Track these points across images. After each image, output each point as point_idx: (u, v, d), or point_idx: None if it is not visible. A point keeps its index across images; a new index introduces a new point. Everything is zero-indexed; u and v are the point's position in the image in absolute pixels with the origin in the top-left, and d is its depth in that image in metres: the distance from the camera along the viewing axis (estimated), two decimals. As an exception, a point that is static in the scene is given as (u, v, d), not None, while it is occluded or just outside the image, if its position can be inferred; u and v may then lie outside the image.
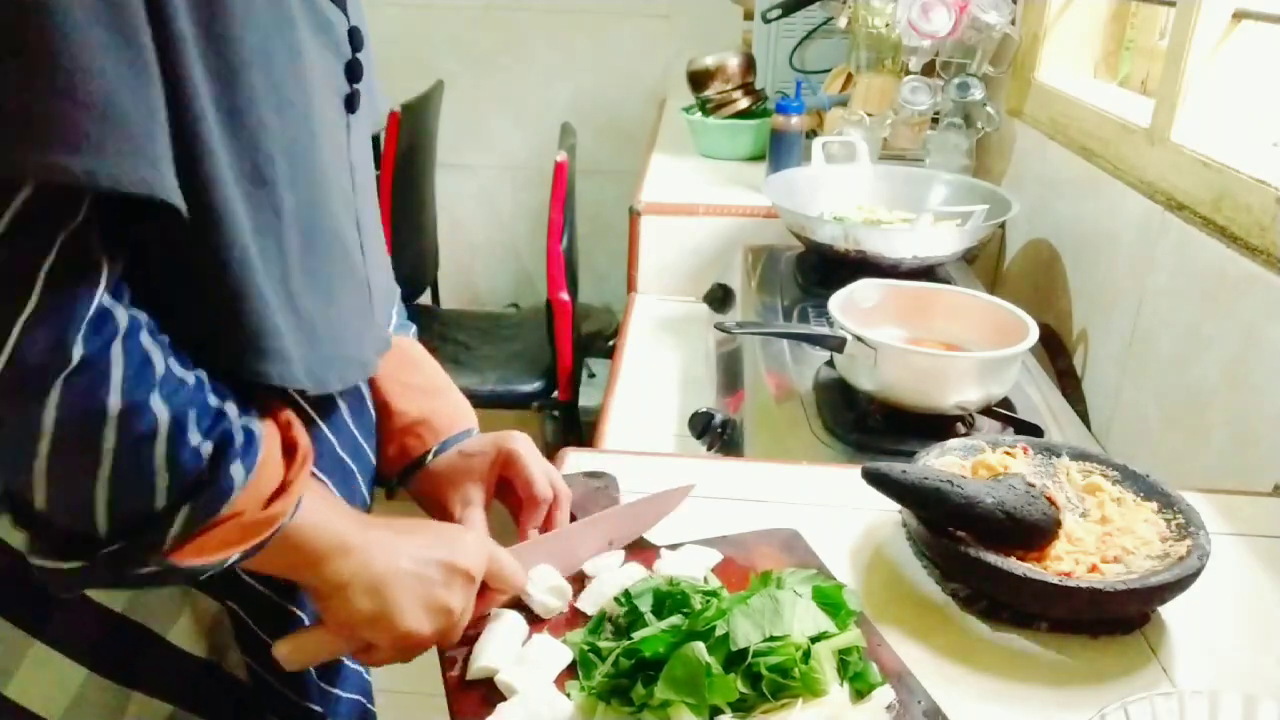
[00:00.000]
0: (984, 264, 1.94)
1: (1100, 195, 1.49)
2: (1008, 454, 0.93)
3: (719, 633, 0.66)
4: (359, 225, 0.72)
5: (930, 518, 0.83)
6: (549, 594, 0.76)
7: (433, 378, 0.85)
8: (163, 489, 0.54)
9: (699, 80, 2.18)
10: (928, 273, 1.53)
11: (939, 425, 1.14)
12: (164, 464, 0.53)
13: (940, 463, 0.92)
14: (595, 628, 0.74)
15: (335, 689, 0.77)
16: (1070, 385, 1.50)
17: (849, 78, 2.16)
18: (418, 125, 2.57)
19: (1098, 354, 1.46)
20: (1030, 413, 1.20)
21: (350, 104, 0.69)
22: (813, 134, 2.00)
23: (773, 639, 0.66)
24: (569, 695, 0.69)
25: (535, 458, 0.80)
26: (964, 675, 0.75)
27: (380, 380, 0.81)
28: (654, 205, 1.85)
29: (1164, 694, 0.63)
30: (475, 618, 0.71)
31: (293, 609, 0.72)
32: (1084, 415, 1.43)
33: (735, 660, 0.65)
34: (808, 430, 1.17)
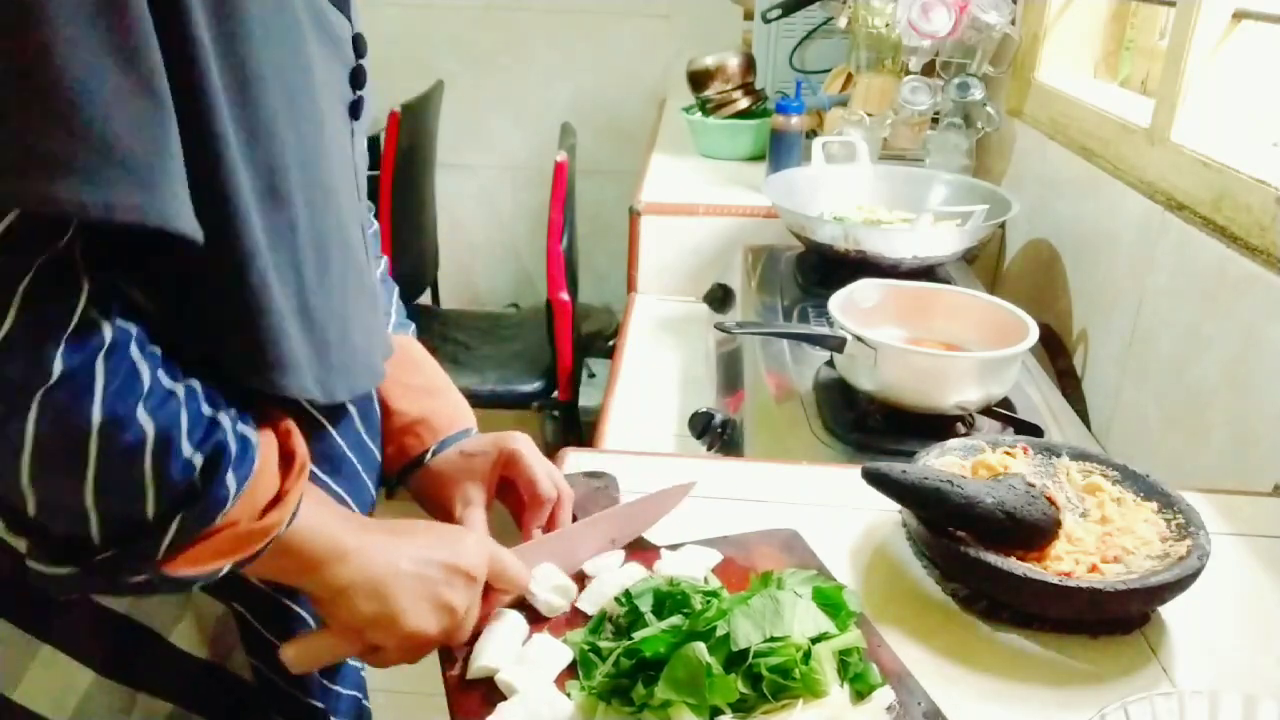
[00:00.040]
0: (984, 264, 1.94)
1: (1100, 195, 1.49)
2: (1008, 454, 0.93)
3: (720, 633, 0.66)
4: (363, 230, 0.72)
5: (930, 518, 0.83)
6: (554, 593, 0.76)
7: (432, 377, 0.85)
8: (152, 500, 0.54)
9: (699, 80, 2.18)
10: (928, 273, 1.53)
11: (939, 425, 1.14)
12: (152, 476, 0.53)
13: (940, 463, 0.92)
14: (595, 628, 0.74)
15: (337, 685, 0.77)
16: (1070, 385, 1.50)
17: (849, 78, 2.16)
18: (418, 125, 2.57)
19: (1098, 354, 1.46)
20: (1030, 413, 1.20)
21: (354, 111, 0.69)
22: (813, 134, 2.00)
23: (773, 640, 0.66)
24: (569, 695, 0.69)
25: (537, 457, 0.81)
26: (964, 675, 0.75)
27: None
28: (654, 205, 1.85)
29: (1164, 694, 0.63)
30: (480, 617, 0.72)
31: (298, 609, 0.72)
32: (1084, 415, 1.43)
33: (736, 661, 0.65)
34: (808, 430, 1.17)
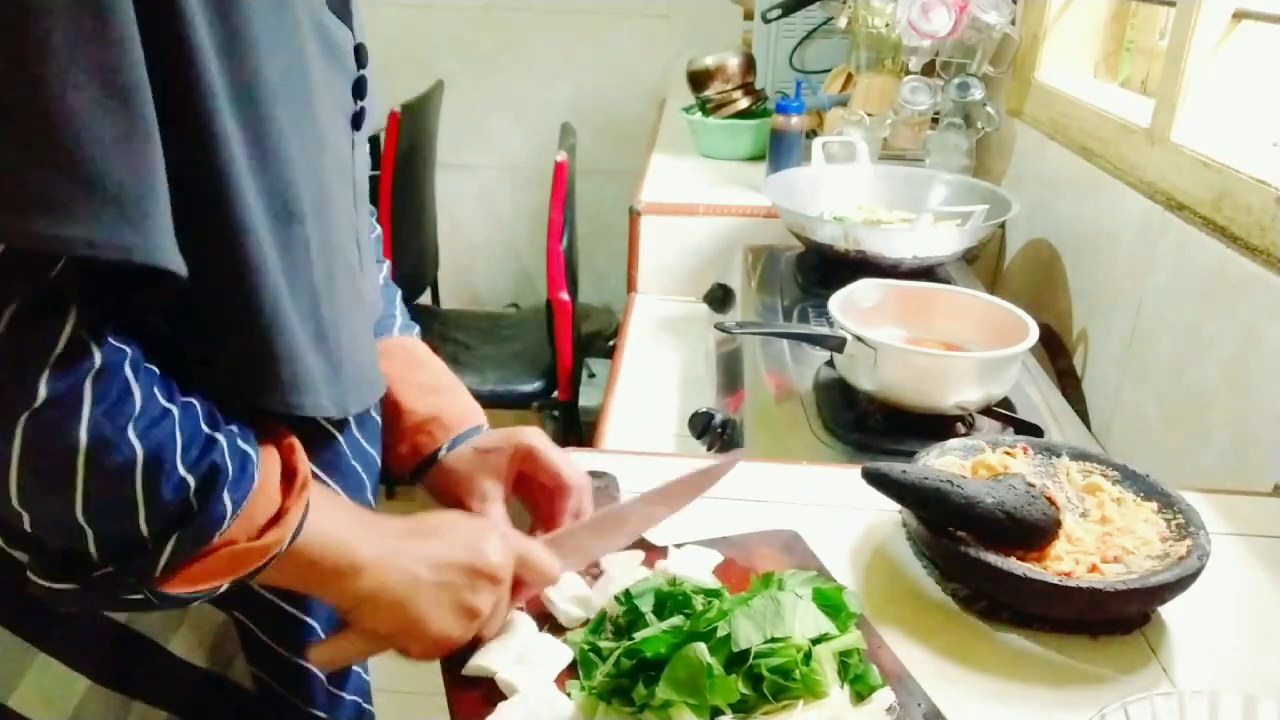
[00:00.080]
0: (984, 264, 1.94)
1: (1100, 195, 1.49)
2: (1008, 454, 0.93)
3: (720, 634, 0.66)
4: (358, 243, 0.72)
5: (930, 518, 0.83)
6: (573, 603, 0.76)
7: (439, 376, 0.86)
8: (145, 519, 0.53)
9: (699, 80, 2.18)
10: (928, 273, 1.53)
11: (939, 425, 1.14)
12: (144, 496, 0.53)
13: (940, 463, 0.92)
14: (596, 628, 0.74)
15: (340, 692, 0.77)
16: (1070, 385, 1.50)
17: (849, 78, 2.16)
18: (418, 125, 2.57)
19: (1098, 354, 1.47)
20: (1030, 413, 1.20)
21: (356, 121, 0.69)
22: (813, 134, 2.00)
23: (774, 640, 0.66)
24: (569, 695, 0.69)
25: (554, 449, 0.80)
26: (964, 675, 0.75)
27: (389, 379, 0.81)
28: (654, 205, 1.85)
29: (1164, 694, 0.63)
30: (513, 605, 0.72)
31: (302, 617, 0.72)
32: (1084, 415, 1.43)
33: (736, 661, 0.65)
34: (808, 430, 1.17)
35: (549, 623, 0.76)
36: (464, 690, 0.70)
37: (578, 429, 2.41)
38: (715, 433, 1.27)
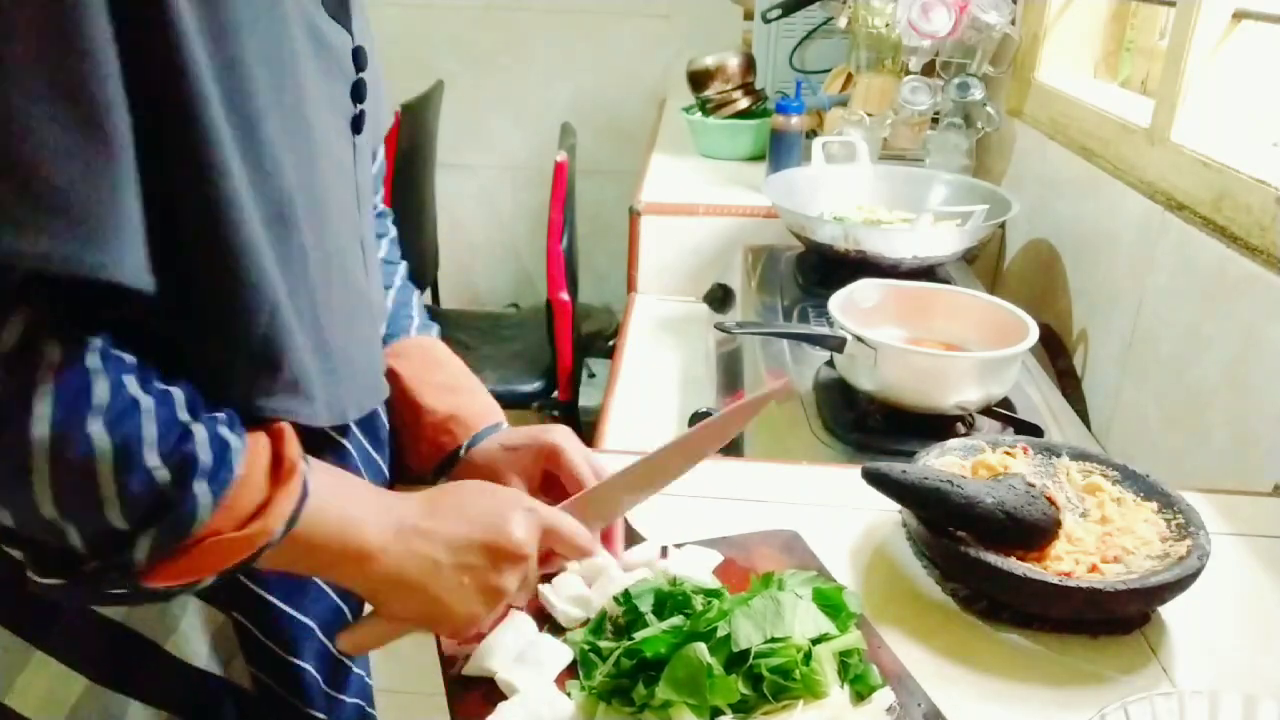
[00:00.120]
0: (984, 264, 1.94)
1: (1100, 195, 1.49)
2: (1008, 454, 0.93)
3: (720, 634, 0.66)
4: (363, 246, 0.71)
5: (930, 518, 0.83)
6: (572, 603, 0.76)
7: (457, 376, 0.86)
8: (119, 513, 0.52)
9: (699, 80, 2.18)
10: (928, 273, 1.53)
11: (939, 425, 1.14)
12: (114, 489, 0.52)
13: (940, 463, 0.92)
14: (596, 628, 0.74)
15: (341, 695, 0.77)
16: (1070, 385, 1.50)
17: (849, 78, 2.16)
18: (418, 125, 2.57)
19: (1098, 354, 1.47)
20: (1030, 413, 1.20)
21: (356, 125, 0.69)
22: (813, 134, 2.00)
23: (774, 640, 0.66)
24: (569, 695, 0.69)
25: (578, 450, 0.81)
26: (964, 675, 0.75)
27: (406, 379, 0.82)
28: (654, 205, 1.85)
29: (1164, 694, 0.63)
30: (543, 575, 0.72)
31: (301, 618, 0.71)
32: (1084, 415, 1.43)
33: (736, 661, 0.65)
34: (808, 430, 1.17)
35: (549, 623, 0.76)
36: (464, 690, 0.70)
37: (578, 429, 2.40)
38: (715, 433, 1.27)
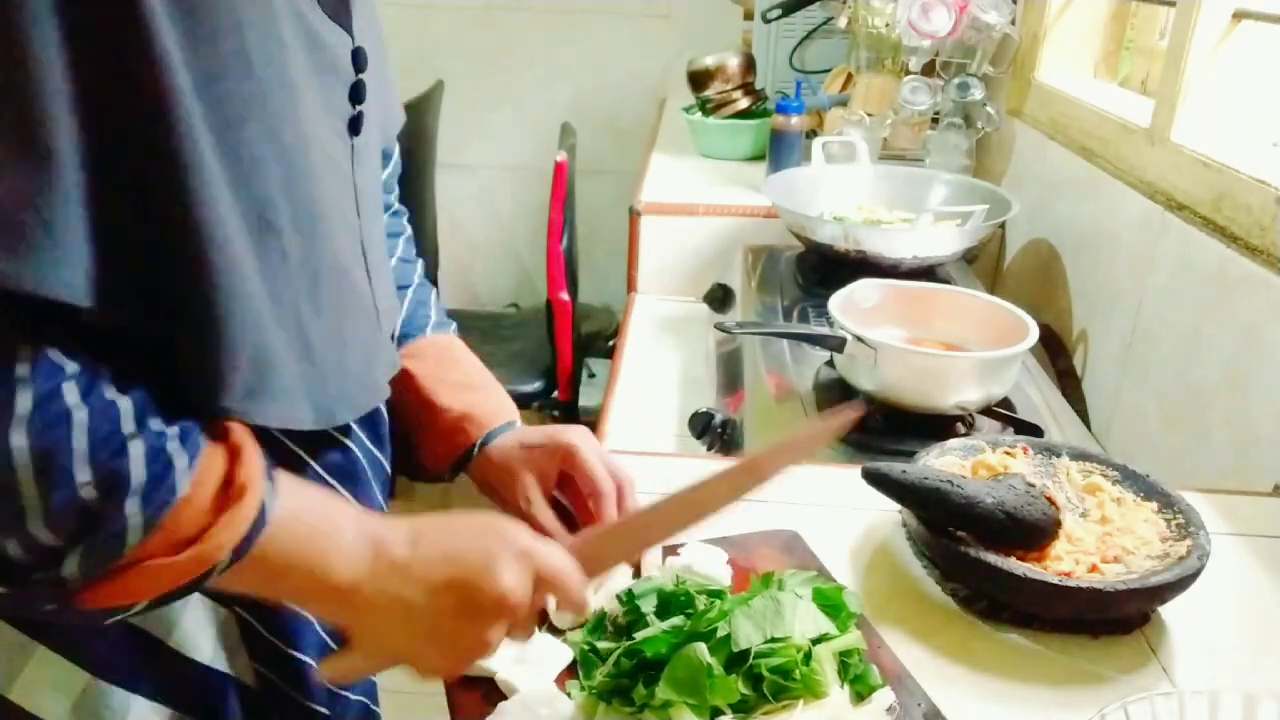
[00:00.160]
0: (984, 264, 1.94)
1: (1100, 195, 1.49)
2: (1008, 454, 0.93)
3: (721, 634, 0.66)
4: (365, 249, 0.71)
5: (930, 518, 0.83)
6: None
7: (471, 374, 0.86)
8: (42, 528, 0.49)
9: (699, 80, 2.18)
10: (928, 273, 1.53)
11: (939, 425, 1.14)
12: (36, 503, 0.49)
13: (940, 463, 0.92)
14: (596, 627, 0.74)
15: (344, 691, 0.77)
16: (1070, 385, 1.50)
17: (849, 78, 2.16)
18: (418, 125, 2.57)
19: (1098, 354, 1.47)
20: (1030, 413, 1.20)
21: (354, 126, 0.67)
22: (813, 134, 2.00)
23: (774, 641, 0.66)
24: (569, 695, 0.69)
25: (594, 451, 0.80)
26: (964, 675, 0.75)
27: (421, 379, 0.82)
28: (654, 205, 1.85)
29: (1164, 694, 0.63)
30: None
31: (306, 615, 0.71)
32: (1084, 415, 1.43)
33: (737, 661, 0.65)
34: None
35: (548, 623, 0.76)
36: (464, 690, 0.71)
37: (578, 429, 2.41)
38: (715, 433, 1.27)
